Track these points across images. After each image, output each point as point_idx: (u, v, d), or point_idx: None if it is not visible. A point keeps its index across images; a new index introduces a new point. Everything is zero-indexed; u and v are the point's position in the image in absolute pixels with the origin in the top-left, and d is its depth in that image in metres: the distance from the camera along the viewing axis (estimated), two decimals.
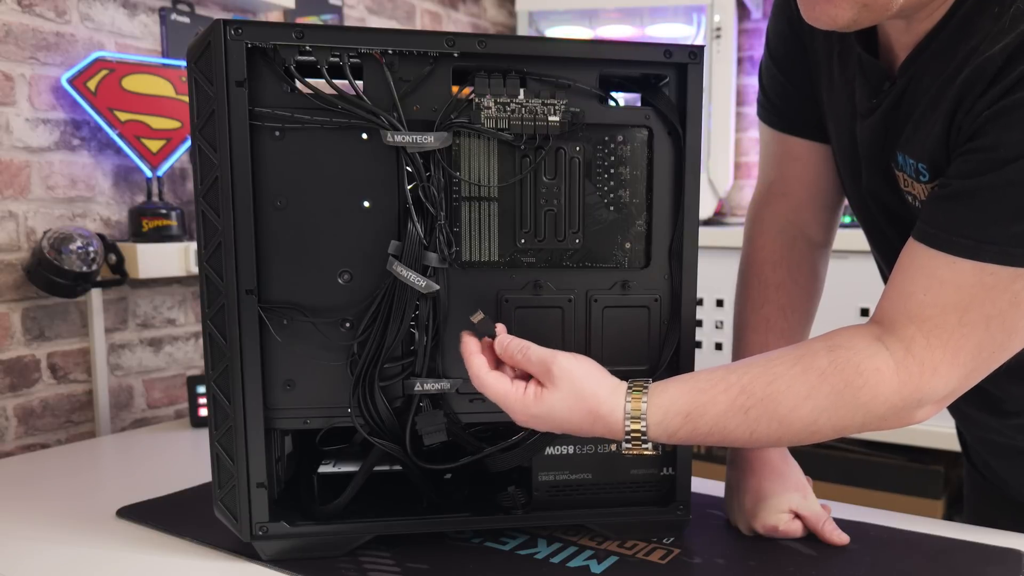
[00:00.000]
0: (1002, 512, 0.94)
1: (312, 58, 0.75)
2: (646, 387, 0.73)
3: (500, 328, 0.77)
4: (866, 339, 0.72)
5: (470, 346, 0.75)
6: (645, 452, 0.74)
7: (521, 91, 0.78)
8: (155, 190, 1.45)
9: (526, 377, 0.75)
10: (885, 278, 0.96)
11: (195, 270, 1.41)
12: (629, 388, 0.74)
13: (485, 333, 0.77)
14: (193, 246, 1.42)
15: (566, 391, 0.72)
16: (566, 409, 0.73)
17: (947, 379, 0.70)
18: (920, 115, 0.74)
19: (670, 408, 0.72)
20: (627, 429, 0.73)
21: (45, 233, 1.30)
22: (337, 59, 0.75)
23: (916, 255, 0.71)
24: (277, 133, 0.75)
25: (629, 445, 0.73)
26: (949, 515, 1.99)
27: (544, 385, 0.73)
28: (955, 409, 0.95)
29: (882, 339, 0.71)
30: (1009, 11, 0.66)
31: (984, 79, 0.66)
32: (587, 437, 0.80)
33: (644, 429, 0.72)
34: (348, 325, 0.78)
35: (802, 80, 0.91)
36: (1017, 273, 0.66)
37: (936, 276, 0.69)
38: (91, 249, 1.30)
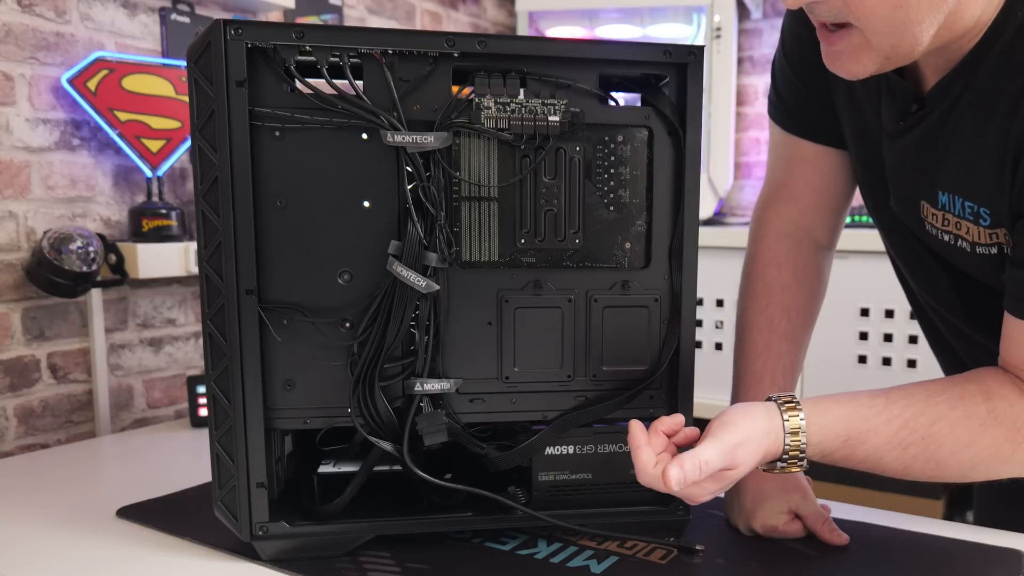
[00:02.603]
0: (1010, 507, 0.94)
1: (312, 58, 0.75)
2: (797, 403, 0.73)
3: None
4: (1017, 391, 0.72)
5: (639, 438, 0.72)
6: (799, 470, 0.73)
7: (521, 91, 0.78)
8: (155, 190, 1.45)
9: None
10: (905, 284, 0.96)
11: (195, 270, 1.41)
12: (779, 404, 0.73)
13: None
14: (193, 246, 1.42)
15: (749, 456, 0.71)
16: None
17: None
18: (971, 157, 0.73)
19: (830, 429, 0.72)
20: (787, 445, 0.71)
21: (45, 233, 1.30)
22: (337, 59, 0.75)
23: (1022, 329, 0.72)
24: (277, 133, 0.75)
25: (785, 464, 0.72)
26: (949, 515, 1.99)
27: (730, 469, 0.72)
28: None
29: None
30: None
31: None
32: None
33: (804, 446, 0.72)
34: (348, 325, 0.78)
35: (819, 85, 0.88)
36: None
37: None
38: (91, 249, 1.30)
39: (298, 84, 0.75)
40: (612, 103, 0.83)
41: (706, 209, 2.34)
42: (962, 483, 0.79)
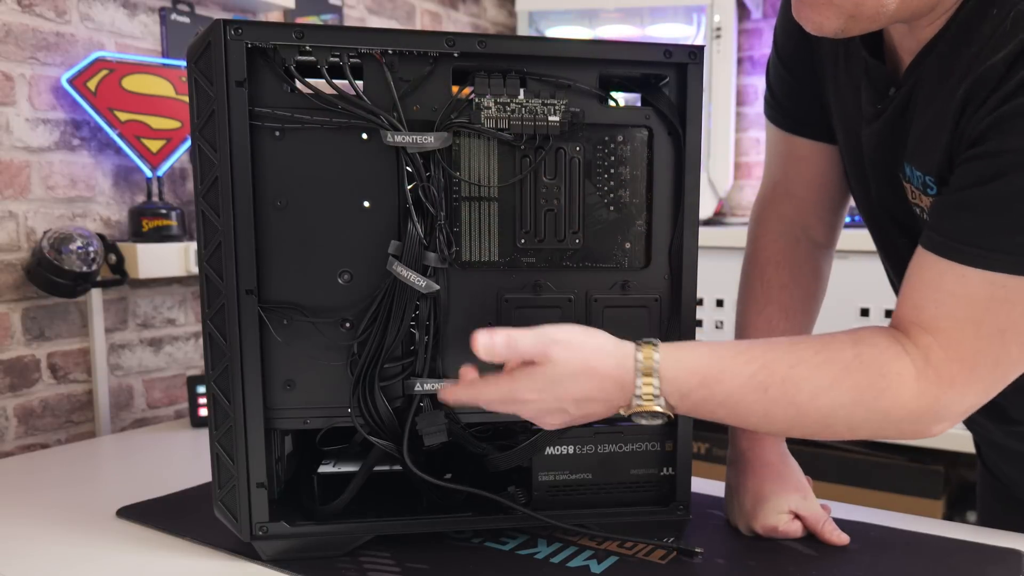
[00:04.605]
0: (1012, 511, 0.94)
1: (312, 58, 0.75)
2: (656, 343, 0.70)
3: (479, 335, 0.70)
4: (889, 340, 0.70)
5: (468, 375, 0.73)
6: (656, 412, 0.69)
7: (521, 91, 0.78)
8: (155, 190, 1.45)
9: None
10: (893, 284, 0.95)
11: (195, 270, 1.41)
12: (638, 344, 0.70)
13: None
14: (193, 246, 1.42)
15: (569, 355, 0.69)
16: (571, 374, 0.69)
17: (964, 394, 0.69)
18: (926, 125, 0.73)
19: (685, 366, 0.70)
20: (639, 385, 0.69)
21: (45, 233, 1.30)
22: (337, 59, 0.75)
23: (924, 265, 0.69)
24: (277, 133, 0.75)
25: (641, 401, 0.69)
26: (949, 515, 1.99)
27: (543, 364, 0.69)
28: None
29: (903, 344, 0.69)
30: (1009, 16, 0.65)
31: (987, 87, 0.65)
32: (595, 418, 0.73)
33: (657, 385, 0.69)
34: (348, 325, 0.78)
35: (809, 80, 0.90)
36: None
37: (945, 288, 0.67)
38: (91, 249, 1.30)
39: (298, 84, 0.75)
40: (612, 103, 0.83)
41: (706, 209, 2.34)
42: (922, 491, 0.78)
